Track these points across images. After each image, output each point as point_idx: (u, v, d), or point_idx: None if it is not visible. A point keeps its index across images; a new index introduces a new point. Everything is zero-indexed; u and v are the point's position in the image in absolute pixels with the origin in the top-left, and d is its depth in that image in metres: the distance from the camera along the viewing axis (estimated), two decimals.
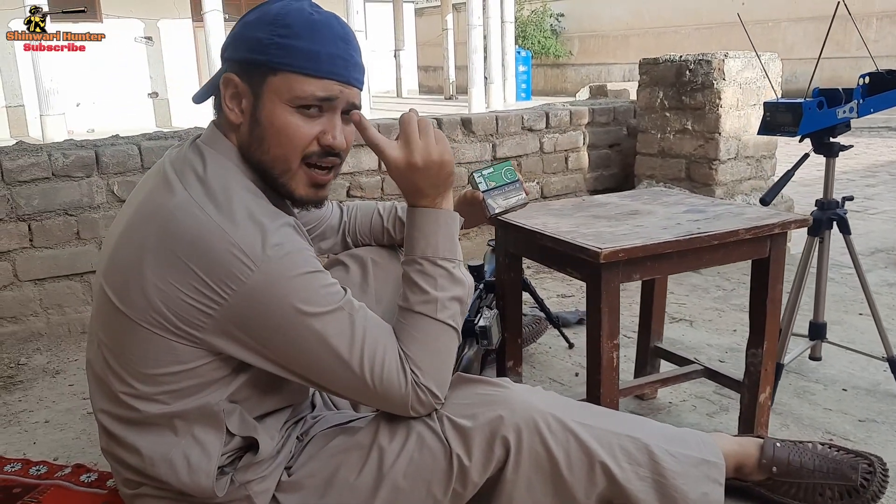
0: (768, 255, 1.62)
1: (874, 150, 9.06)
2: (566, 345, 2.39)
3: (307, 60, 1.07)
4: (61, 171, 2.41)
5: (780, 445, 1.44)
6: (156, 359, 1.06)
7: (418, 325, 1.13)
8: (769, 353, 1.68)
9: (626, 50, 18.39)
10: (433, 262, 1.15)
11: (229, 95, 1.10)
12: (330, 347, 1.06)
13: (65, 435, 1.90)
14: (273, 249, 1.02)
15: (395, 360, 1.10)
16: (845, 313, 2.63)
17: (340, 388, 1.11)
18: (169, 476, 1.10)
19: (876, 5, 14.29)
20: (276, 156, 1.10)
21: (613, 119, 3.70)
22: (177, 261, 1.02)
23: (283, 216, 1.09)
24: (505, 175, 1.42)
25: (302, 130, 1.09)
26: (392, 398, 1.11)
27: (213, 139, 1.13)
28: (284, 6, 1.08)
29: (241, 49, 1.09)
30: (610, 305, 1.48)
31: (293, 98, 1.07)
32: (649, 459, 1.22)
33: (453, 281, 1.16)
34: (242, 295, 1.02)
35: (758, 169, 3.33)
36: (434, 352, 1.13)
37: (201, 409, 1.09)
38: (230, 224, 1.02)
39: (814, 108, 1.84)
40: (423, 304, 1.14)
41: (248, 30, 1.09)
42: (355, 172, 2.98)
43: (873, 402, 1.97)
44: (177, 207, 1.04)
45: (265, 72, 1.07)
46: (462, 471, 1.14)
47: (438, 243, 1.16)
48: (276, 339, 1.05)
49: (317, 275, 1.07)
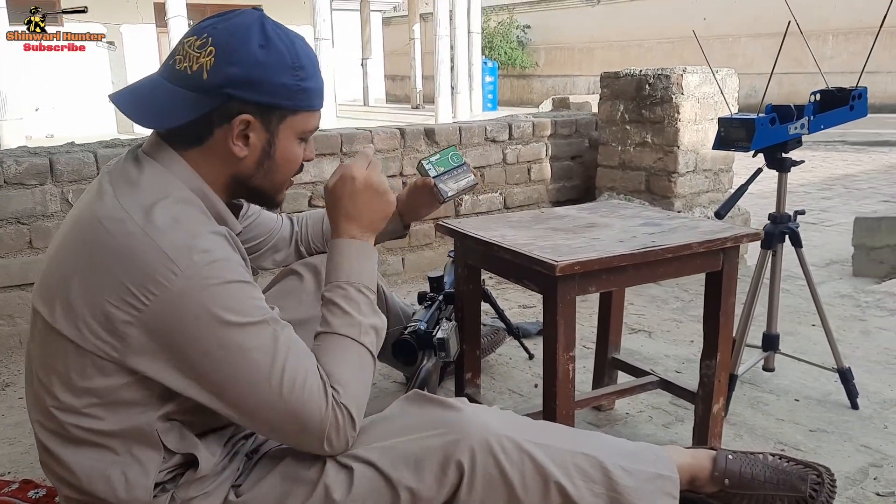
0: (721, 267, 1.65)
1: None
2: (526, 356, 2.41)
3: (317, 98, 1.15)
4: (14, 179, 2.35)
5: (732, 457, 1.46)
6: (82, 372, 1.04)
7: (341, 346, 1.13)
8: (722, 365, 1.70)
9: (591, 62, 18.64)
10: (358, 288, 1.18)
11: (239, 134, 1.09)
12: (250, 361, 1.03)
13: (13, 449, 1.85)
14: (200, 255, 1.01)
15: (316, 380, 1.07)
16: (799, 324, 2.68)
17: (254, 408, 1.06)
18: (107, 493, 1.08)
19: (831, 23, 14.68)
20: (279, 181, 1.18)
21: (576, 131, 3.74)
22: (101, 268, 1.01)
23: (214, 225, 1.08)
24: (451, 159, 1.47)
25: (300, 157, 1.19)
26: (310, 421, 1.07)
27: (155, 149, 1.11)
28: (279, 38, 1.09)
29: (264, 93, 1.07)
30: (566, 318, 1.49)
31: (304, 132, 1.15)
32: (603, 476, 1.22)
33: (374, 311, 1.18)
34: (165, 301, 0.99)
35: (715, 182, 3.39)
36: (356, 373, 1.12)
37: (134, 429, 1.07)
38: (157, 230, 1.01)
39: (766, 123, 1.89)
40: (348, 327, 1.14)
41: (268, 74, 1.07)
42: (317, 182, 2.97)
43: (824, 412, 2.01)
44: (104, 215, 1.03)
45: (286, 114, 1.11)
46: (411, 498, 1.13)
47: (364, 273, 1.20)
48: (195, 351, 1.02)
49: (244, 285, 1.05)
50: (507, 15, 20.48)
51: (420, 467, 1.12)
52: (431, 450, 1.13)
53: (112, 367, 1.04)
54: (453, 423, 1.15)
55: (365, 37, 19.19)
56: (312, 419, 1.07)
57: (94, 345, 1.02)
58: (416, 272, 3.26)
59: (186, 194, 1.09)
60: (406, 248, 3.25)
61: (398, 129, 3.17)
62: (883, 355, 2.39)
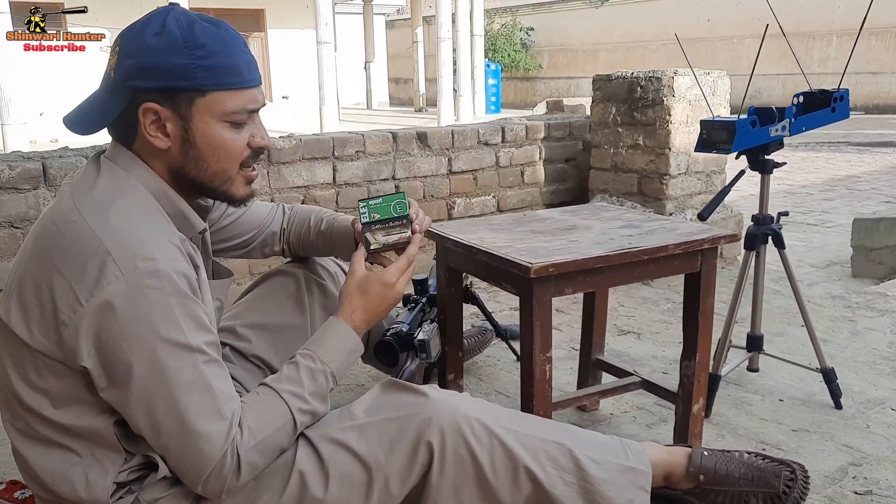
0: (699, 269, 1.66)
1: (833, 164, 9.27)
2: (514, 357, 2.42)
3: (231, 76, 1.10)
4: (7, 184, 2.38)
5: (707, 454, 1.48)
6: (37, 372, 1.06)
7: (275, 406, 1.12)
8: (702, 365, 1.72)
9: (594, 64, 18.63)
10: (325, 373, 1.18)
11: (150, 123, 1.09)
12: (164, 380, 1.02)
13: (2, 450, 1.88)
14: (144, 262, 1.01)
15: (221, 422, 1.04)
16: (788, 325, 2.69)
17: (148, 426, 1.05)
18: (69, 493, 1.10)
19: (836, 24, 14.65)
20: (216, 171, 1.14)
21: (569, 134, 3.76)
22: (50, 265, 1.02)
23: (169, 231, 1.09)
24: (394, 209, 1.35)
25: (237, 142, 1.13)
26: (197, 457, 1.04)
27: (115, 152, 1.13)
28: (175, 23, 1.07)
29: (159, 77, 1.07)
30: (542, 319, 1.51)
31: (226, 114, 1.10)
32: (574, 465, 1.24)
33: (324, 399, 1.19)
34: (100, 302, 0.99)
35: (707, 184, 3.40)
36: (272, 434, 1.10)
37: (91, 429, 1.09)
38: (106, 232, 1.02)
39: (747, 126, 1.90)
40: (292, 396, 1.14)
41: (159, 58, 1.06)
42: (310, 185, 2.99)
43: (807, 413, 2.02)
44: (58, 217, 1.05)
45: (193, 95, 1.08)
46: (385, 480, 1.16)
47: (342, 364, 1.22)
48: (116, 356, 1.01)
49: (183, 301, 1.03)
50: (511, 17, 20.50)
51: (392, 448, 1.15)
52: (402, 430, 1.16)
53: (62, 368, 1.05)
54: (424, 406, 1.18)
55: (368, 40, 19.23)
56: (200, 457, 1.04)
57: (42, 345, 1.04)
58: None
59: (143, 196, 1.10)
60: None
61: (390, 132, 3.19)
62: (870, 356, 2.40)
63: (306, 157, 2.97)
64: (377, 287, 1.28)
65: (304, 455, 1.15)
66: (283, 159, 2.90)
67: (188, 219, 1.16)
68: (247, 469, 1.08)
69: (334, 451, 1.16)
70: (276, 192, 2.90)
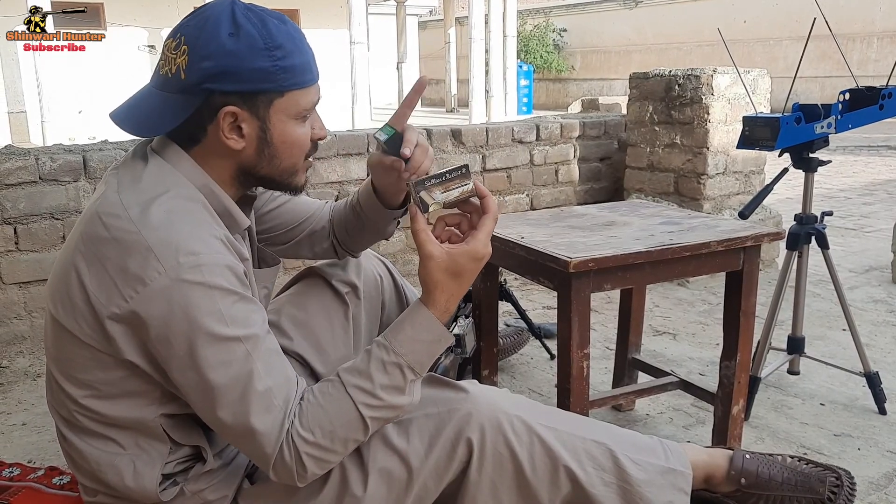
0: (741, 267, 1.63)
1: (873, 168, 9.06)
2: (548, 356, 2.40)
3: (305, 74, 1.09)
4: (48, 175, 2.42)
5: (749, 457, 1.44)
6: (83, 364, 1.06)
7: (338, 400, 1.06)
8: (742, 366, 1.68)
9: (627, 65, 18.46)
10: (399, 365, 1.08)
11: (229, 127, 1.07)
12: (212, 376, 1.00)
13: (41, 437, 1.90)
14: (186, 257, 0.99)
15: (276, 414, 1.02)
16: (829, 329, 2.63)
17: (211, 420, 1.04)
18: (115, 481, 1.10)
19: (877, 25, 14.36)
20: (287, 166, 1.14)
21: (604, 133, 3.72)
22: (95, 262, 1.01)
23: (213, 226, 1.06)
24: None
25: (306, 137, 1.13)
26: (259, 448, 1.03)
27: (162, 146, 1.11)
28: (252, 23, 1.05)
29: (242, 81, 1.04)
30: (580, 315, 1.49)
31: (300, 111, 1.10)
32: (614, 465, 1.22)
33: (400, 392, 1.08)
34: (145, 299, 0.98)
35: (746, 184, 3.34)
36: (334, 431, 1.05)
37: (138, 421, 1.09)
38: (149, 227, 1.00)
39: (791, 122, 1.86)
40: (357, 390, 1.06)
41: (241, 61, 1.03)
42: (344, 181, 3.00)
43: (850, 417, 1.96)
44: (103, 210, 1.04)
45: (272, 97, 1.06)
46: (423, 476, 1.14)
47: (419, 353, 1.09)
48: (167, 352, 1.01)
49: (228, 294, 1.01)
50: (544, 18, 20.41)
51: (431, 443, 1.14)
52: (442, 426, 1.14)
53: (110, 360, 1.05)
54: (464, 401, 1.16)
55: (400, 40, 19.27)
56: (260, 450, 1.02)
57: (90, 337, 1.04)
58: None
59: (189, 191, 1.08)
60: None
61: (425, 129, 3.18)
62: None
63: (341, 153, 2.97)
64: (470, 265, 1.11)
65: None
66: (318, 155, 2.90)
67: (233, 215, 1.14)
68: (311, 462, 1.04)
69: (373, 448, 1.14)
70: (312, 187, 2.91)
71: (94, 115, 12.17)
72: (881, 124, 1.94)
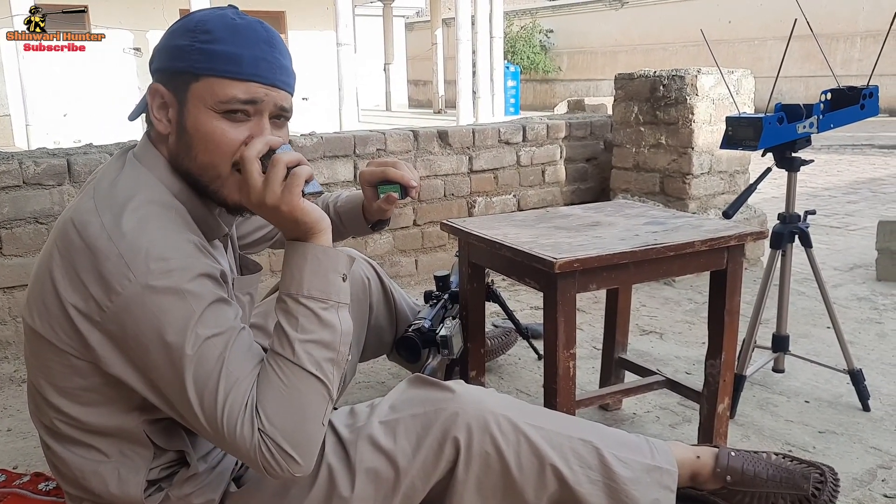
0: (725, 266, 1.64)
1: (856, 167, 9.14)
2: (535, 356, 2.40)
3: (228, 63, 1.05)
4: (32, 180, 2.40)
5: (734, 455, 1.46)
6: (62, 372, 1.06)
7: (276, 370, 1.01)
8: (727, 364, 1.69)
9: (614, 66, 18.54)
10: (296, 299, 1.04)
11: (156, 106, 1.08)
12: (188, 382, 0.98)
13: (27, 443, 1.89)
14: (156, 263, 0.98)
15: (243, 411, 0.99)
16: (814, 326, 2.65)
17: (198, 427, 1.02)
18: (100, 489, 1.10)
19: (860, 25, 14.48)
20: (204, 163, 1.07)
21: (590, 133, 3.73)
22: (69, 268, 1.01)
23: (185, 232, 1.05)
24: None
25: (228, 136, 1.06)
26: (242, 450, 1.00)
27: (142, 150, 1.12)
28: (207, 13, 1.08)
29: (165, 58, 1.08)
30: (566, 315, 1.49)
31: (217, 103, 1.05)
32: (600, 463, 1.23)
33: (320, 323, 1.03)
34: (119, 307, 0.98)
35: (731, 184, 3.36)
36: (288, 401, 1.00)
37: (120, 427, 1.08)
38: (119, 233, 0.99)
39: (774, 122, 1.87)
40: (282, 347, 1.02)
41: (171, 39, 1.08)
42: (331, 183, 2.99)
43: (834, 414, 1.98)
44: (77, 216, 1.03)
45: (188, 79, 1.05)
46: (411, 476, 1.15)
47: (303, 279, 1.04)
48: (143, 359, 1.00)
49: (199, 297, 0.99)
50: (530, 19, 20.46)
51: (418, 443, 1.14)
52: (429, 426, 1.15)
53: (87, 367, 1.04)
54: (450, 401, 1.17)
55: (388, 42, 19.27)
56: (243, 448, 1.00)
57: (67, 344, 1.03)
58: (428, 273, 3.27)
59: (161, 196, 1.06)
60: (419, 249, 3.27)
61: (411, 130, 3.18)
62: None
63: (328, 155, 2.97)
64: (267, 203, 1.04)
65: (331, 450, 1.15)
66: (305, 157, 2.90)
67: (208, 222, 1.13)
68: (288, 442, 0.99)
69: (360, 448, 1.15)
70: None
71: (78, 117, 12.10)
72: (866, 123, 1.96)
